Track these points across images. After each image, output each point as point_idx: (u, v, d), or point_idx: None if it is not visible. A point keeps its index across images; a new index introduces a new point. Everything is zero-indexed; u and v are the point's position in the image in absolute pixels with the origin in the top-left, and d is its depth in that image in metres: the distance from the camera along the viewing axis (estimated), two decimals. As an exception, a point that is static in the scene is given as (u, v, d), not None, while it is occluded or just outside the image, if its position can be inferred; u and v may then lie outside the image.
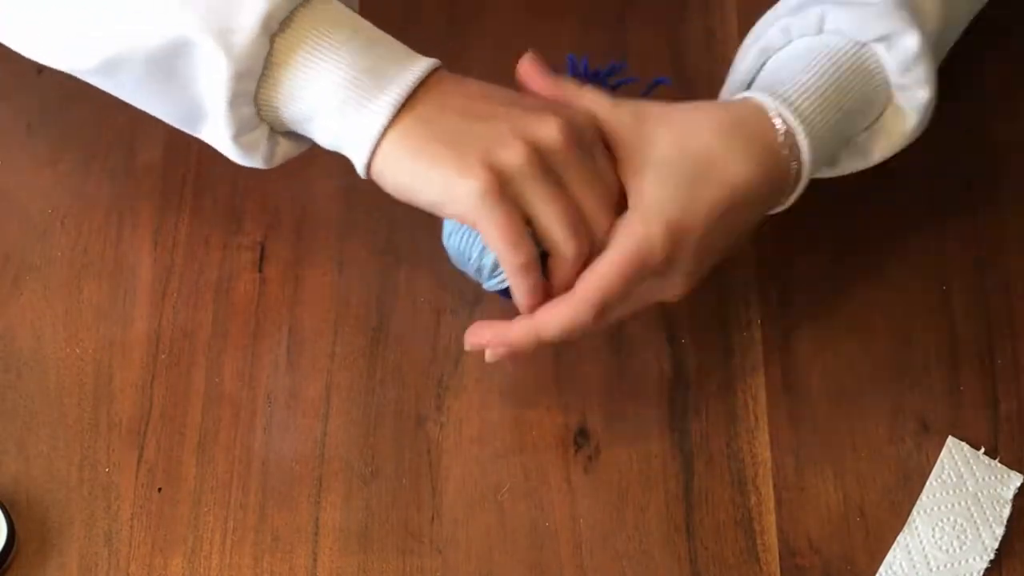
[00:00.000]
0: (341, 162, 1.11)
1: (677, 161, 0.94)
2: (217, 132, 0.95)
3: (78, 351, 1.06)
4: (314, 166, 1.11)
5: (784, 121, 0.95)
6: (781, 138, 0.95)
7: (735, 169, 0.94)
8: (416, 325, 1.07)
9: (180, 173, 1.11)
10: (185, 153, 1.12)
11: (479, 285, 1.07)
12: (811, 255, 1.09)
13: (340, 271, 1.09)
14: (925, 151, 1.12)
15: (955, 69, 1.15)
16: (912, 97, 1.01)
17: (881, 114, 1.01)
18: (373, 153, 0.93)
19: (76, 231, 1.10)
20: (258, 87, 0.93)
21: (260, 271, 1.09)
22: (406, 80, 0.92)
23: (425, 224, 1.09)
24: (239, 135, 0.95)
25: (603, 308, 0.93)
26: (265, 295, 1.08)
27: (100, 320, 1.07)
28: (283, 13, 0.91)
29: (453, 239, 0.98)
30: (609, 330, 1.06)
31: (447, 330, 1.06)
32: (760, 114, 0.96)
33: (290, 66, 0.92)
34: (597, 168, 0.93)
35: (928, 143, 1.12)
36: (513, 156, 0.91)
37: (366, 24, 0.95)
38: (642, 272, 0.93)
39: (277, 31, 0.92)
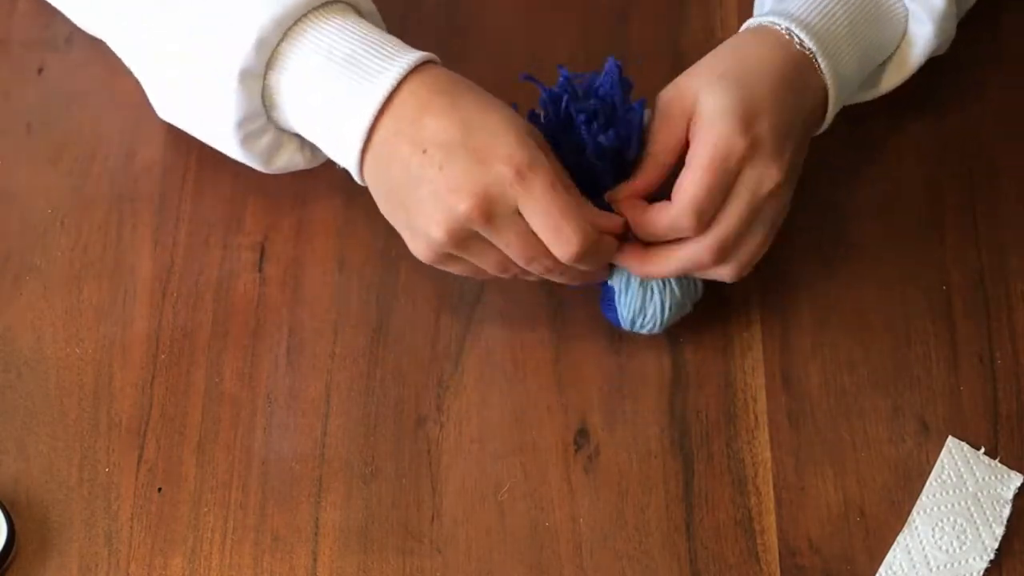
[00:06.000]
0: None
1: (720, 76, 0.97)
2: (224, 115, 0.99)
3: (78, 351, 1.06)
4: (314, 166, 1.11)
5: (793, 33, 0.99)
6: (793, 39, 0.99)
7: (767, 53, 0.99)
8: (416, 325, 1.07)
9: (180, 173, 1.11)
10: (185, 153, 1.12)
11: (480, 286, 1.08)
12: (811, 255, 1.09)
13: (340, 271, 1.09)
14: (925, 151, 1.12)
15: (955, 69, 1.15)
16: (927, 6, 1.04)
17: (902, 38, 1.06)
18: (361, 164, 0.98)
19: (76, 231, 1.10)
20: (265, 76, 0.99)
21: (260, 271, 1.09)
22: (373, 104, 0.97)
23: (425, 224, 1.09)
24: (244, 122, 0.99)
25: (700, 211, 0.96)
26: (265, 295, 1.08)
27: (100, 320, 1.07)
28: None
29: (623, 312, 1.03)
30: (609, 331, 1.06)
31: (447, 330, 1.06)
32: (771, 30, 1.00)
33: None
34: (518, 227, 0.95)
35: (928, 143, 1.12)
36: (438, 236, 0.96)
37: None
38: (726, 167, 0.96)
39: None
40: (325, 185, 1.11)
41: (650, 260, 0.99)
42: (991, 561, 1.00)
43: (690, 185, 0.96)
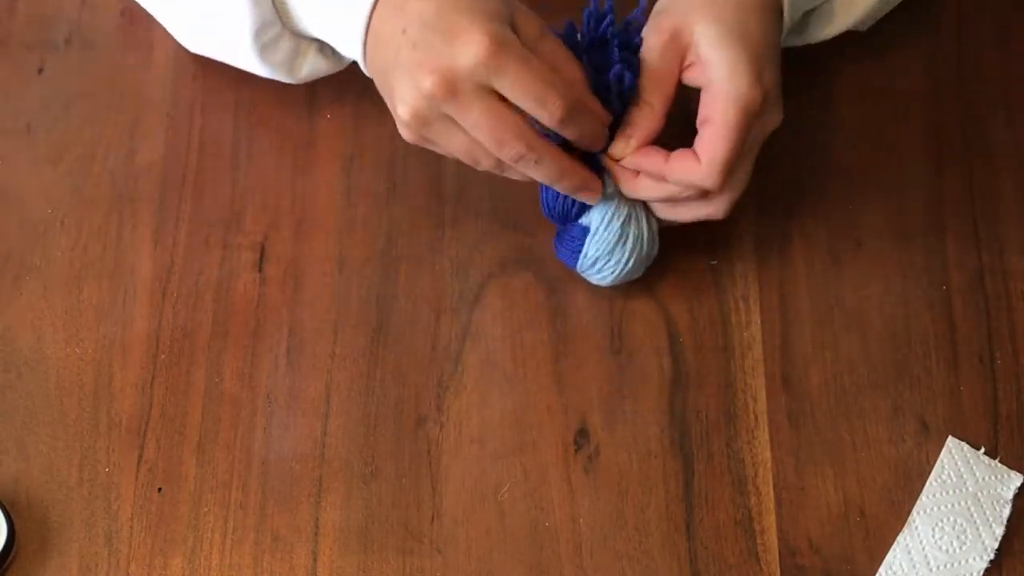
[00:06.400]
0: (341, 163, 1.11)
1: (717, 20, 0.98)
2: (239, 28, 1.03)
3: (78, 351, 1.06)
4: (314, 167, 1.11)
5: None
6: None
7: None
8: (416, 325, 1.07)
9: (180, 173, 1.11)
10: (185, 153, 1.12)
11: (480, 286, 1.08)
12: (811, 255, 1.09)
13: (340, 271, 1.09)
14: (925, 150, 1.12)
15: (955, 68, 1.15)
16: None
17: None
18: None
19: (76, 231, 1.10)
20: None
21: (260, 271, 1.09)
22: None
23: (425, 224, 1.09)
24: (260, 32, 1.03)
25: (730, 169, 0.97)
26: (265, 295, 1.08)
27: (100, 320, 1.07)
28: None
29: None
30: (609, 331, 1.06)
31: (447, 330, 1.06)
32: None
33: None
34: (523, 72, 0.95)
35: (928, 142, 1.12)
36: (404, 116, 0.97)
37: None
38: (750, 124, 0.97)
39: None
40: (325, 185, 1.11)
41: (642, 179, 1.00)
42: (991, 561, 1.00)
43: (721, 143, 0.97)
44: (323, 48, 1.07)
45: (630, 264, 1.03)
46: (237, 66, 1.08)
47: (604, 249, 1.03)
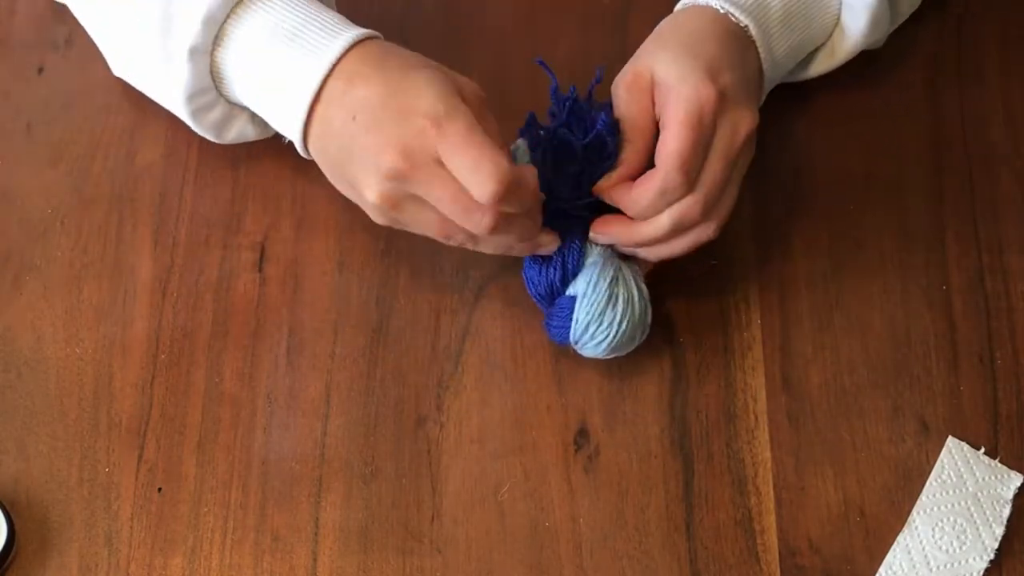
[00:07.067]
0: (341, 162, 1.11)
1: (669, 49, 1.00)
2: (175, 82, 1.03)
3: (78, 351, 1.06)
4: (314, 167, 1.11)
5: (728, 10, 1.02)
6: (728, 15, 1.02)
7: (707, 25, 1.01)
8: (416, 325, 1.07)
9: (180, 173, 1.11)
10: (185, 153, 1.12)
11: (480, 286, 1.08)
12: (811, 255, 1.09)
13: (340, 271, 1.09)
14: (925, 151, 1.12)
15: (955, 69, 1.15)
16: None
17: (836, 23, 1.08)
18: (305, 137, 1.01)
19: (76, 231, 1.10)
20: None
21: (260, 271, 1.09)
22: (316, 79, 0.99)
23: (425, 224, 1.09)
24: (194, 96, 1.03)
25: (687, 166, 0.97)
26: (265, 295, 1.08)
27: (100, 320, 1.07)
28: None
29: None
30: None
31: (447, 330, 1.06)
32: (705, 8, 1.03)
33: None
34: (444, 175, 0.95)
35: (928, 142, 1.12)
36: (373, 199, 0.98)
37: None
38: (703, 120, 0.97)
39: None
40: (325, 185, 1.11)
41: (639, 224, 1.00)
42: (991, 561, 1.00)
43: (672, 141, 0.97)
44: (254, 117, 1.07)
45: (624, 327, 1.01)
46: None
47: (595, 312, 1.01)
